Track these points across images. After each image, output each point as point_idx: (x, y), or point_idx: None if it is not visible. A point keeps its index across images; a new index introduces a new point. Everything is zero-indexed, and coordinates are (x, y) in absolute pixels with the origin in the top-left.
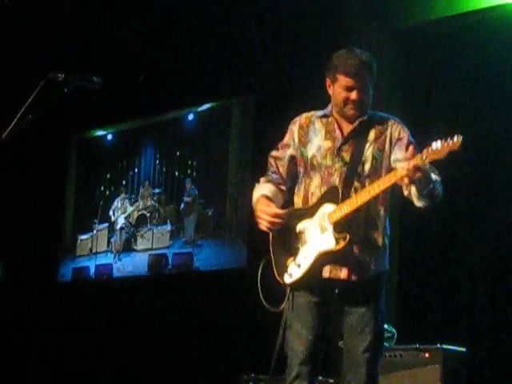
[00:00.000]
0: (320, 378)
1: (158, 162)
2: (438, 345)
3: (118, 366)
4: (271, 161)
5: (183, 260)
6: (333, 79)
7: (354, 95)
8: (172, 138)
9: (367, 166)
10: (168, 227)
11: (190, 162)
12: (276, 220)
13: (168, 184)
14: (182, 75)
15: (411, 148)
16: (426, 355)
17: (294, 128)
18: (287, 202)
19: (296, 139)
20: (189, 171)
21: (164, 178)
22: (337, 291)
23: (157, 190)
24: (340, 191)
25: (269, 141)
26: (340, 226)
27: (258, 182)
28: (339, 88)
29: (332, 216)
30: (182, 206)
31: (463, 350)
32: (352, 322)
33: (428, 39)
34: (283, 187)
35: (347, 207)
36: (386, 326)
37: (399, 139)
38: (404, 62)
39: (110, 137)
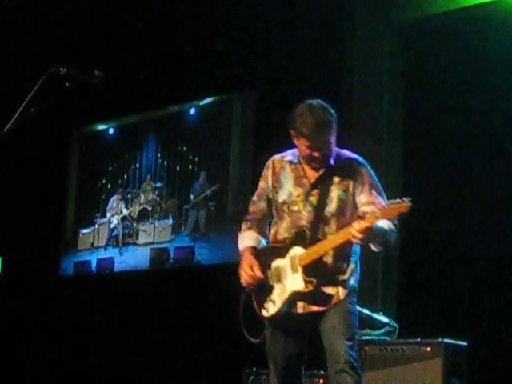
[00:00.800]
0: (322, 372)
1: (159, 156)
2: (440, 339)
3: (119, 360)
4: (252, 206)
5: (185, 254)
6: (296, 136)
7: (316, 154)
8: (174, 132)
9: (333, 208)
10: (170, 221)
11: (191, 157)
12: (253, 282)
13: (170, 178)
14: (183, 69)
15: (366, 208)
16: (428, 349)
17: (268, 174)
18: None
19: (270, 184)
20: (190, 165)
21: (166, 172)
22: (311, 318)
23: (158, 184)
24: (308, 235)
25: (270, 135)
26: (309, 269)
27: (241, 227)
28: (302, 146)
29: (301, 259)
30: (198, 198)
31: (464, 343)
32: (327, 324)
33: (428, 33)
34: (264, 229)
35: (314, 254)
36: (387, 320)
37: (361, 182)
38: (404, 57)
39: (111, 131)
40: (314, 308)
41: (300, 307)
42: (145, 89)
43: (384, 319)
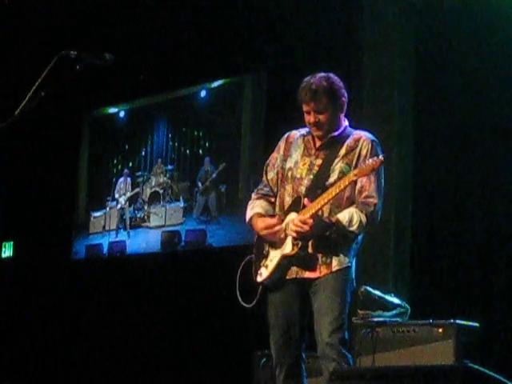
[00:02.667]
0: None
1: (170, 138)
2: (452, 320)
3: (131, 342)
4: (264, 175)
5: (196, 237)
6: (301, 107)
7: (311, 118)
8: (184, 115)
9: (333, 179)
10: (181, 204)
11: (202, 139)
12: (275, 229)
13: (181, 161)
14: (194, 52)
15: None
16: (440, 330)
17: (281, 143)
18: None
19: (281, 153)
20: (201, 149)
21: (176, 155)
22: (303, 286)
23: (169, 167)
24: (302, 200)
25: (281, 117)
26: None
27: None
28: (304, 114)
29: (293, 222)
30: (205, 184)
31: (476, 325)
32: (316, 302)
33: (442, 13)
34: (273, 198)
35: (303, 216)
36: (399, 302)
37: (366, 157)
38: (417, 38)
39: (122, 114)
40: (306, 274)
41: (293, 273)
42: (155, 71)
43: (396, 300)
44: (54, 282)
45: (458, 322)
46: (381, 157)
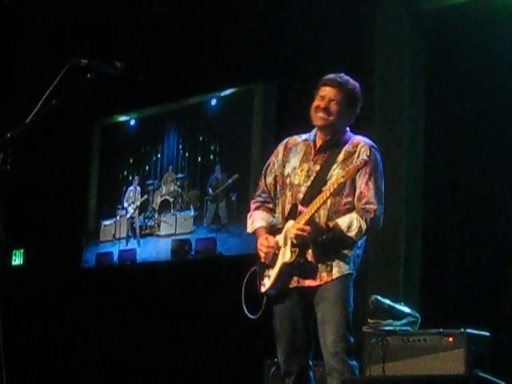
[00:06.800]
0: None
1: (181, 147)
2: (462, 329)
3: (141, 350)
4: (262, 179)
5: (206, 245)
6: (315, 96)
7: (323, 103)
8: (195, 123)
9: (330, 184)
10: (191, 212)
11: (213, 147)
12: (270, 251)
13: (191, 169)
14: (204, 60)
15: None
16: (450, 339)
17: (280, 148)
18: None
19: (279, 158)
20: (212, 157)
21: (187, 164)
22: (305, 296)
23: (180, 176)
24: (298, 207)
25: (291, 125)
26: (297, 240)
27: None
28: (315, 100)
29: (291, 231)
30: (216, 191)
31: (487, 334)
32: (318, 312)
33: (453, 23)
34: (271, 204)
35: (299, 222)
36: (409, 311)
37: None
38: (427, 47)
39: (133, 122)
40: (306, 282)
41: (294, 281)
42: (166, 80)
43: (406, 309)
44: (64, 290)
45: (468, 331)
46: (365, 157)
